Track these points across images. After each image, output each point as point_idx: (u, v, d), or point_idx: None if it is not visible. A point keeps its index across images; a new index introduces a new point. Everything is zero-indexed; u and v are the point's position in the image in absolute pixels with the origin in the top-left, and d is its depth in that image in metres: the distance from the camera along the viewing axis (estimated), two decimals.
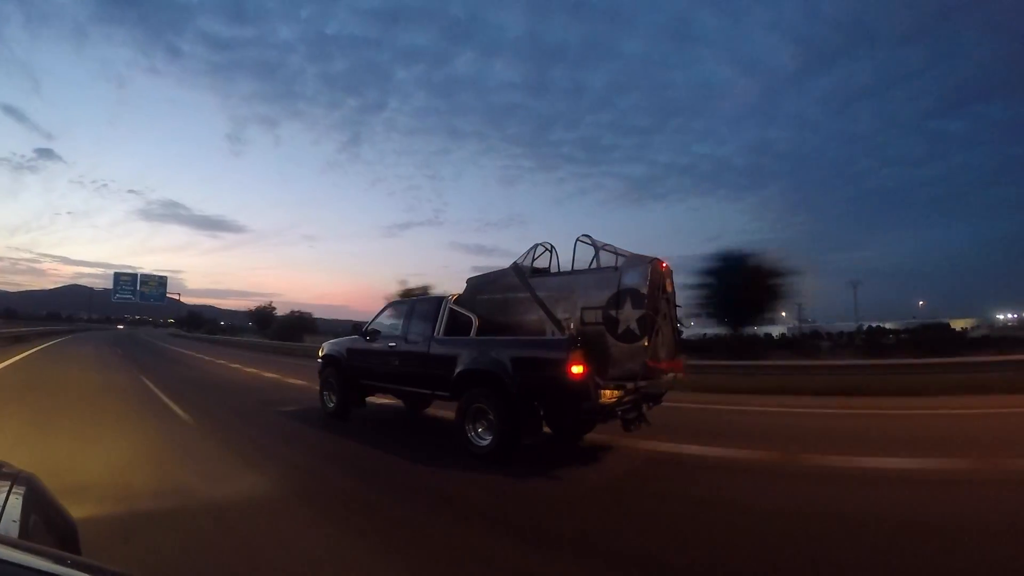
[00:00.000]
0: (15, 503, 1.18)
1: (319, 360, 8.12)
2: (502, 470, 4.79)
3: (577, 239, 5.63)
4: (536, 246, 6.04)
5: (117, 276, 62.18)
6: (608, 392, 4.85)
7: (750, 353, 18.10)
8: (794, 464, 5.04)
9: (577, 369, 4.65)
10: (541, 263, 6.05)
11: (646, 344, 4.82)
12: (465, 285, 6.41)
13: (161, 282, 64.71)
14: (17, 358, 16.45)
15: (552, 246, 6.07)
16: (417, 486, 4.49)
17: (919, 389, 10.19)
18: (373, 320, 7.41)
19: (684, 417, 7.33)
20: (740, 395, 10.49)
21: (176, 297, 70.17)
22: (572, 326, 5.03)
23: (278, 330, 44.17)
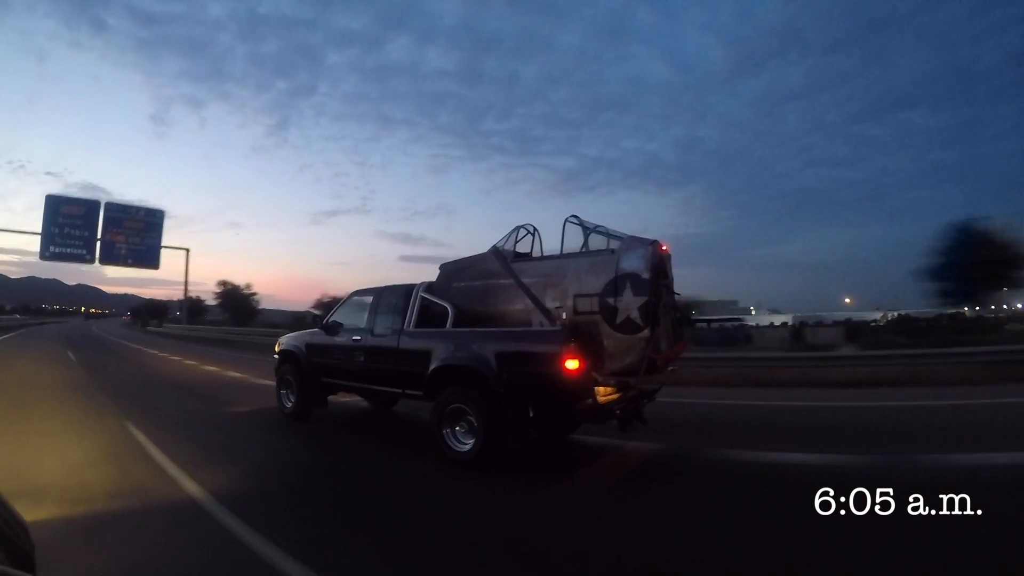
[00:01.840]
0: None
1: (275, 356, 7.38)
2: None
3: (566, 220, 5.05)
4: (518, 228, 5.44)
5: (53, 206, 30.12)
6: (605, 389, 4.35)
7: None
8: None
9: (572, 364, 4.09)
10: (522, 247, 5.48)
11: (648, 335, 4.32)
12: (438, 271, 5.76)
13: (151, 222, 33.84)
14: None
15: (535, 228, 5.49)
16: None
17: None
18: (334, 311, 6.71)
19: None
20: None
21: (182, 251, 40.55)
22: (564, 316, 4.47)
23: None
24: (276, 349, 7.43)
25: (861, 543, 2.87)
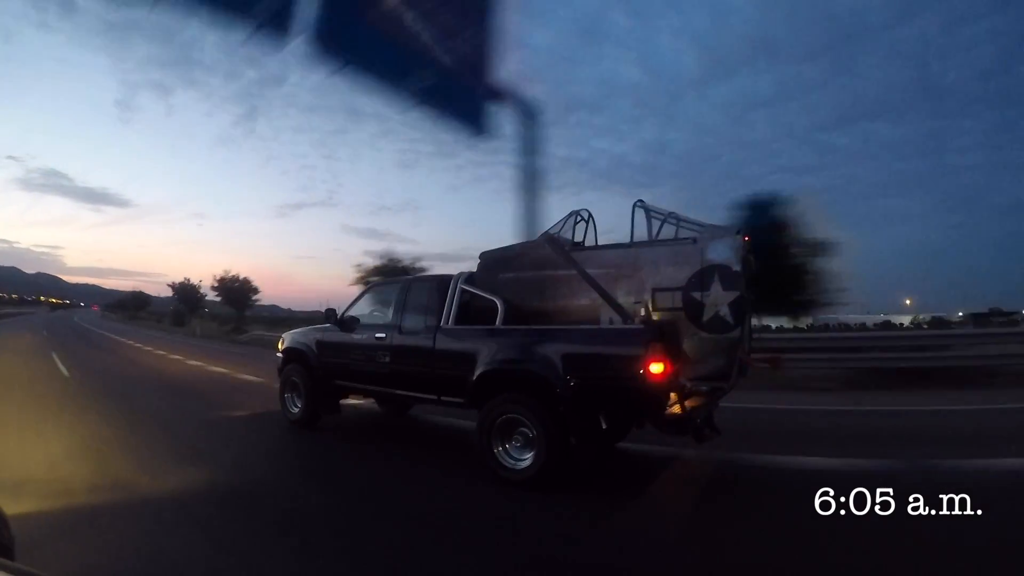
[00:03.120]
0: None
1: (278, 355, 6.63)
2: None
3: (634, 205, 4.51)
4: (574, 213, 4.88)
5: None
6: (688, 396, 3.82)
7: None
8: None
9: (657, 368, 3.55)
10: (575, 235, 4.92)
11: (739, 335, 3.81)
12: (478, 260, 5.13)
13: None
14: None
15: (590, 215, 4.94)
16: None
17: None
18: (351, 305, 6.00)
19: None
20: None
21: None
22: (643, 312, 3.91)
23: None
24: (279, 347, 6.70)
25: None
